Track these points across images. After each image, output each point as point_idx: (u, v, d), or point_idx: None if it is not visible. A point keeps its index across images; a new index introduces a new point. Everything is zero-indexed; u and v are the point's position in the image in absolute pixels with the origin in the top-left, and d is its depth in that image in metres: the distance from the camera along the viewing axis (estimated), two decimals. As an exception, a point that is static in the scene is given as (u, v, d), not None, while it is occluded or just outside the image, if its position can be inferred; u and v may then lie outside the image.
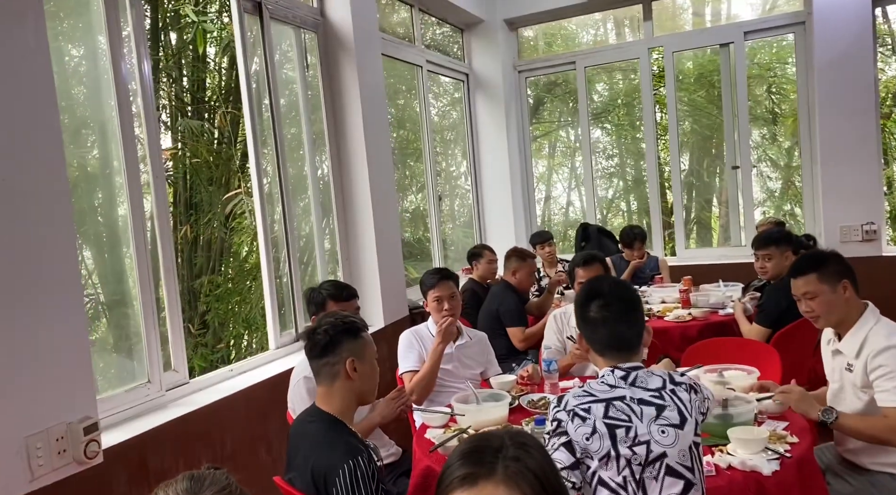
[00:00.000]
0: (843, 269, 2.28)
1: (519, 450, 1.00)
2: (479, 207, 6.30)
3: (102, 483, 2.11)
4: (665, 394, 1.70)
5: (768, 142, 7.36)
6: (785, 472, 1.89)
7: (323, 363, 1.90)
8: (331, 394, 1.90)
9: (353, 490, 1.70)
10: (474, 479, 0.96)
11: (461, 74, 5.97)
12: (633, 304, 1.81)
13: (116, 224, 2.77)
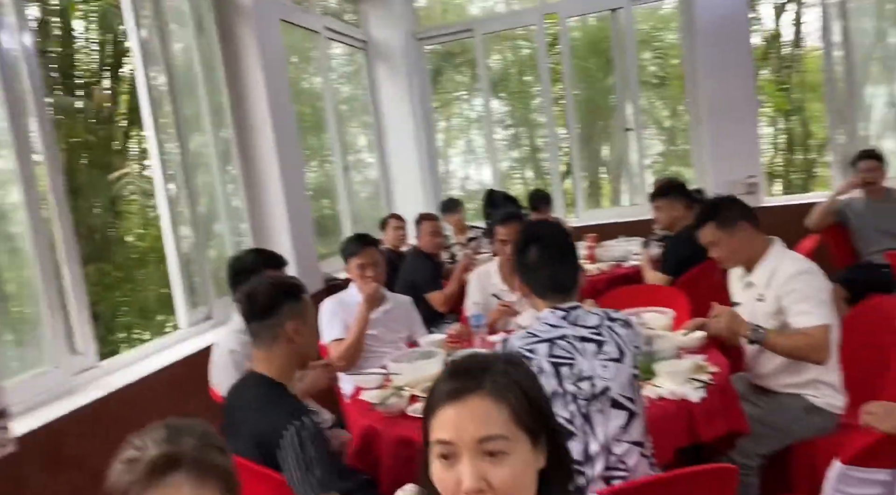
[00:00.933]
0: (738, 212, 2.43)
1: (507, 366, 1.01)
2: (386, 179, 6.24)
3: (18, 472, 1.95)
4: (603, 331, 1.77)
5: (655, 105, 7.76)
6: (711, 399, 2.02)
7: (263, 326, 1.83)
8: (270, 358, 1.84)
9: (300, 450, 1.66)
10: (462, 393, 0.97)
11: (360, 42, 5.85)
12: (570, 248, 1.87)
13: (6, 210, 2.53)
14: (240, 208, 4.00)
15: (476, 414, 0.95)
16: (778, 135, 9.56)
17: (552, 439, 1.01)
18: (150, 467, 0.96)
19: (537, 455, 0.99)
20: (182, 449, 0.99)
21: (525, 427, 0.97)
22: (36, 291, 2.43)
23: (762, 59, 9.15)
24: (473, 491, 0.93)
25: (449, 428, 0.96)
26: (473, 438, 0.94)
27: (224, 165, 3.88)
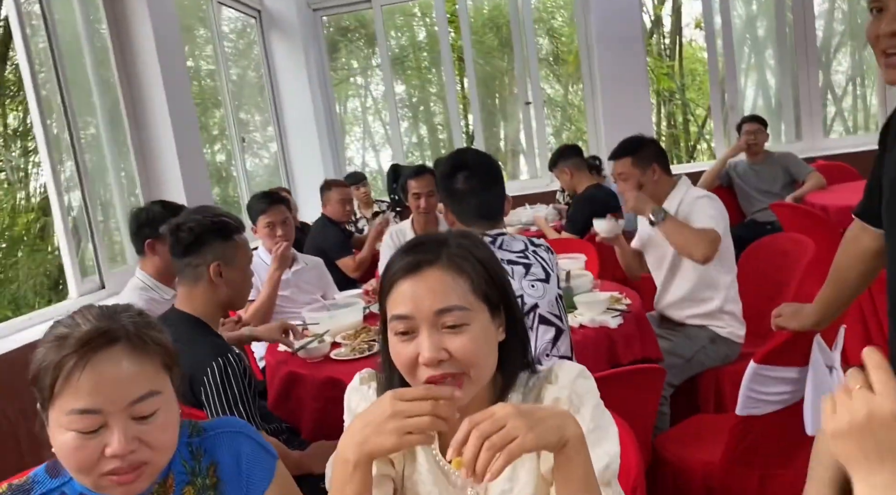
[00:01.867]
0: (654, 154, 2.57)
1: (463, 240, 0.98)
2: (284, 154, 6.05)
3: None
4: (529, 254, 1.80)
5: (549, 80, 8.00)
6: (627, 326, 2.10)
7: (185, 263, 1.71)
8: (192, 296, 1.73)
9: (223, 386, 1.58)
10: (419, 267, 0.94)
11: (252, 10, 5.62)
12: (497, 174, 1.88)
13: None
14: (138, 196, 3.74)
15: (433, 287, 0.92)
16: (662, 115, 10.12)
17: (510, 311, 0.99)
18: (85, 341, 0.89)
19: (496, 326, 0.97)
20: (119, 324, 0.93)
21: (484, 297, 0.95)
22: None
23: (648, 43, 9.64)
24: (433, 361, 0.90)
25: (406, 302, 0.93)
26: (431, 310, 0.91)
27: (114, 146, 3.61)
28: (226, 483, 1.02)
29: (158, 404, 0.93)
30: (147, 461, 0.93)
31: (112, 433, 0.90)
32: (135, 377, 0.92)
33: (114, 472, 0.91)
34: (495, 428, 0.80)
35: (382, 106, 6.64)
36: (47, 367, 0.90)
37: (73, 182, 3.28)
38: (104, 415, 0.90)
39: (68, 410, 0.89)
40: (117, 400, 0.90)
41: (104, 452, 0.89)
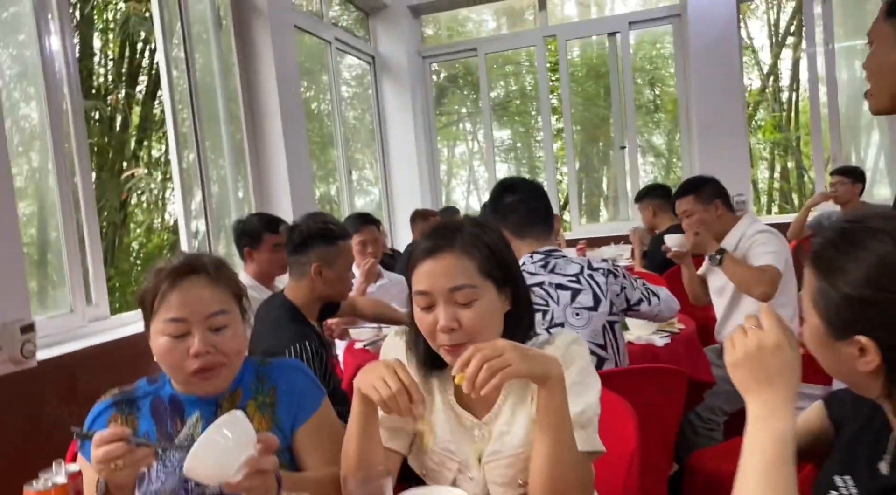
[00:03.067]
0: (715, 191, 2.69)
1: (475, 229, 1.20)
2: (387, 191, 6.47)
3: (36, 386, 2.12)
4: (582, 279, 1.90)
5: (650, 127, 8.06)
6: (675, 346, 2.20)
7: (294, 260, 2.04)
8: (297, 288, 2.05)
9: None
10: (436, 250, 1.15)
11: (367, 56, 6.14)
12: (539, 192, 2.06)
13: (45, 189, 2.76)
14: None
15: (447, 268, 1.14)
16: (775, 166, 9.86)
17: (515, 286, 1.20)
18: (175, 270, 1.20)
19: (503, 299, 1.18)
20: (200, 261, 1.23)
21: (491, 276, 1.16)
22: (60, 242, 2.64)
23: (759, 95, 9.49)
24: (447, 329, 1.12)
25: (426, 280, 1.15)
26: (445, 288, 1.13)
27: (237, 177, 4.08)
28: (280, 403, 1.28)
29: (228, 320, 1.23)
30: (221, 363, 1.22)
31: (194, 338, 1.19)
32: (211, 297, 1.22)
33: (197, 372, 1.19)
34: (495, 355, 1.01)
35: (486, 150, 7.01)
36: (149, 290, 1.22)
37: (199, 209, 3.74)
38: (188, 324, 1.20)
39: (163, 319, 1.20)
40: (197, 312, 1.20)
41: (189, 353, 1.18)
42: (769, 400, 0.87)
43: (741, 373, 0.90)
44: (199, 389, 1.25)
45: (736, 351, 0.91)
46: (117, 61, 7.38)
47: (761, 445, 0.86)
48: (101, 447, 1.02)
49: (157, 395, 1.29)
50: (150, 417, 1.26)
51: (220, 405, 1.26)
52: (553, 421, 1.05)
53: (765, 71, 9.79)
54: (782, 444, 0.85)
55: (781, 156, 10.06)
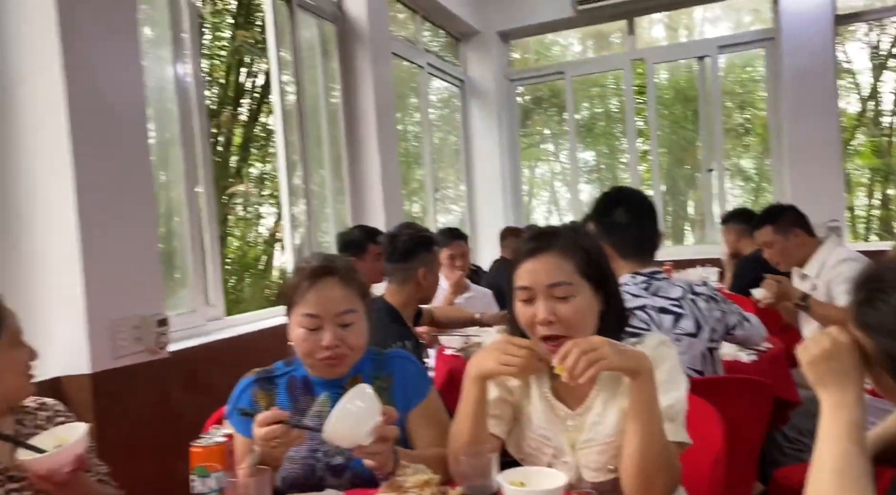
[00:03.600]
0: (794, 219, 2.71)
1: (573, 234, 1.33)
2: (471, 210, 6.65)
3: (167, 375, 2.38)
4: (685, 303, 1.89)
5: (739, 151, 7.93)
6: (761, 363, 2.24)
7: (398, 267, 2.23)
8: (399, 292, 2.24)
9: None
10: (537, 251, 1.30)
11: (457, 80, 6.38)
12: (652, 209, 2.03)
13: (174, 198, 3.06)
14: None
15: (547, 267, 1.28)
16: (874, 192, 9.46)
17: (608, 287, 1.32)
18: (313, 271, 1.41)
19: (597, 299, 1.30)
20: (335, 265, 1.43)
21: (587, 277, 1.29)
22: (187, 255, 2.93)
23: (857, 119, 9.15)
24: (545, 321, 1.26)
25: (527, 277, 1.29)
26: (544, 284, 1.27)
27: (335, 192, 4.35)
28: (396, 389, 1.46)
29: (355, 318, 1.42)
30: (346, 355, 1.41)
31: (325, 332, 1.39)
32: (341, 297, 1.41)
33: (325, 359, 1.39)
34: (592, 348, 1.15)
35: (570, 171, 7.11)
36: (291, 286, 1.44)
37: (300, 221, 4.01)
38: (321, 320, 1.39)
39: (300, 313, 1.40)
40: (329, 310, 1.40)
41: (320, 344, 1.38)
42: (842, 393, 0.97)
43: (817, 370, 1.00)
44: (326, 374, 1.45)
45: (811, 350, 1.01)
46: (223, 85, 7.93)
47: (836, 433, 0.95)
48: (263, 427, 1.21)
49: (292, 375, 1.49)
50: (286, 393, 1.46)
51: (344, 387, 1.44)
52: (643, 412, 1.16)
53: (864, 94, 9.44)
54: (856, 432, 0.94)
55: (881, 182, 9.63)
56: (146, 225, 2.34)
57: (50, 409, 1.43)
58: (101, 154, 2.19)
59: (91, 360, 2.09)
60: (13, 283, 2.08)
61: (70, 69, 2.08)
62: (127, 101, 2.30)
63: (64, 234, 2.09)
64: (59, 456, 1.21)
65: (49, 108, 2.08)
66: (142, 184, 2.35)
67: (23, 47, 2.10)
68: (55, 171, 2.09)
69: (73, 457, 1.21)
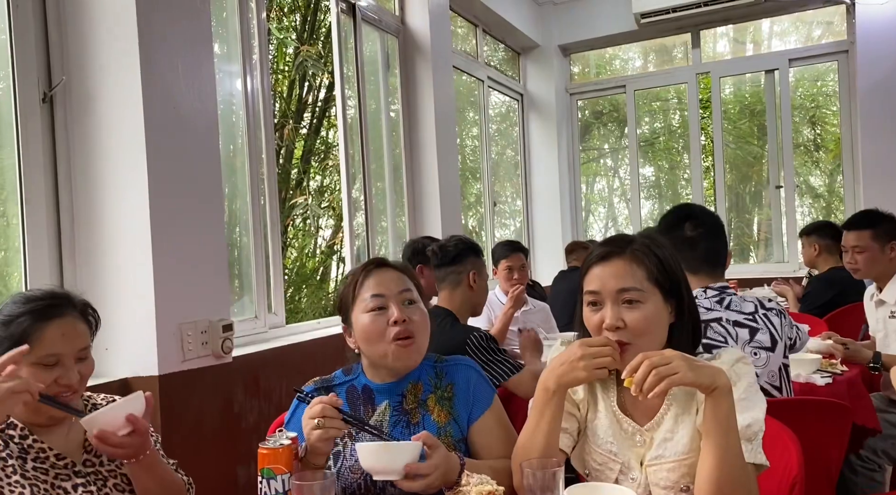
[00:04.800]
0: (894, 230, 2.56)
1: (647, 241, 1.30)
2: (528, 223, 6.61)
3: (230, 379, 2.43)
4: (758, 318, 1.88)
5: (809, 168, 7.64)
6: (836, 386, 2.14)
7: (450, 271, 2.28)
8: (452, 297, 2.28)
9: (485, 348, 2.10)
10: (609, 256, 1.27)
11: (517, 94, 6.37)
12: (721, 225, 2.01)
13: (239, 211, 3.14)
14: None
15: (617, 272, 1.25)
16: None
17: (680, 299, 1.27)
18: (365, 266, 1.48)
19: (668, 310, 1.26)
20: (384, 259, 1.50)
21: (658, 284, 1.25)
22: (252, 267, 3.00)
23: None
24: (612, 327, 1.22)
25: (596, 281, 1.26)
26: (613, 289, 1.24)
27: (395, 203, 4.40)
28: (457, 398, 1.43)
29: (414, 297, 1.47)
30: (414, 335, 1.42)
31: (392, 308, 1.41)
32: (399, 279, 1.46)
33: (398, 336, 1.40)
34: (663, 362, 1.10)
35: (630, 186, 7.01)
36: (348, 285, 1.48)
37: (360, 232, 4.07)
38: (386, 299, 1.42)
39: (364, 298, 1.43)
40: (392, 289, 1.44)
41: (389, 323, 1.40)
42: None
43: None
44: (399, 361, 1.43)
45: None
46: (285, 99, 8.15)
47: None
48: (317, 405, 1.24)
49: (352, 384, 1.49)
50: (346, 403, 1.46)
51: (404, 395, 1.44)
52: (719, 431, 1.10)
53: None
54: None
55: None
56: (215, 232, 2.41)
57: None
58: (174, 163, 2.26)
59: (159, 362, 2.15)
60: (89, 286, 2.16)
61: (147, 81, 2.17)
62: (200, 113, 2.38)
63: (137, 239, 2.16)
64: (111, 414, 1.24)
65: (128, 118, 2.17)
66: (212, 194, 2.42)
67: (103, 59, 2.20)
68: (131, 180, 2.17)
69: (124, 416, 1.24)
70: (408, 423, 1.43)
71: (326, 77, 6.83)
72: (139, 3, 2.16)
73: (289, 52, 7.64)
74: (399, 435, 1.41)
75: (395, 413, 1.44)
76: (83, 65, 2.21)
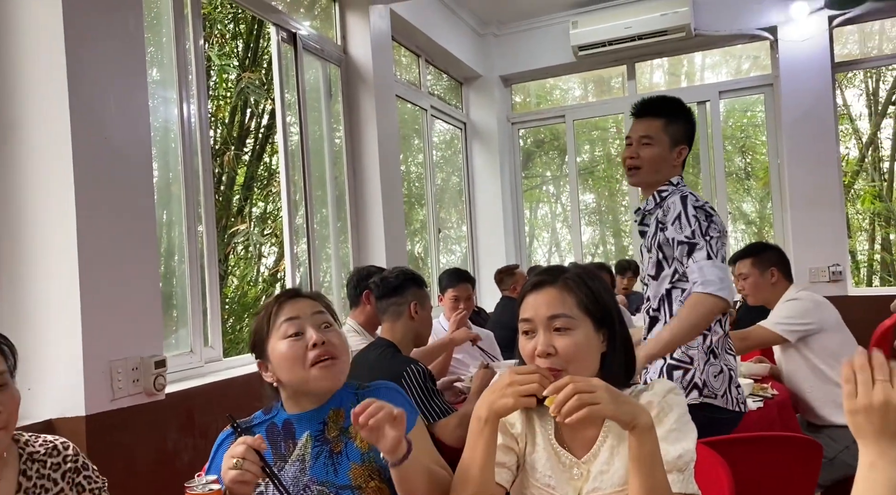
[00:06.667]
0: (774, 258, 2.76)
1: (580, 271, 1.33)
2: (473, 250, 6.65)
3: (163, 416, 2.34)
4: None
5: (741, 195, 7.96)
6: (767, 410, 2.20)
7: (391, 302, 2.26)
8: (394, 329, 2.25)
9: (420, 384, 2.06)
10: (541, 285, 1.30)
11: (460, 122, 6.45)
12: None
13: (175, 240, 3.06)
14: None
15: (548, 300, 1.28)
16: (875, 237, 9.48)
17: (612, 329, 1.30)
18: (279, 296, 1.47)
19: (600, 339, 1.28)
20: (302, 291, 1.49)
21: (588, 312, 1.28)
22: (188, 298, 2.91)
23: (858, 164, 9.22)
24: (543, 353, 1.24)
25: (530, 309, 1.29)
26: (545, 316, 1.26)
27: (338, 231, 4.36)
28: None
29: (330, 321, 1.45)
30: (335, 356, 1.40)
31: (309, 330, 1.40)
32: (312, 305, 1.45)
33: (317, 358, 1.38)
34: (587, 389, 1.11)
35: (571, 212, 7.16)
36: (261, 317, 1.46)
37: (300, 262, 4.01)
38: (301, 321, 1.41)
39: (279, 324, 1.41)
40: (306, 313, 1.43)
41: (308, 347, 1.38)
42: (886, 450, 0.90)
43: (860, 420, 0.92)
44: (321, 384, 1.41)
45: (859, 399, 0.92)
46: (227, 125, 8.03)
47: (874, 491, 0.90)
48: (240, 446, 1.22)
49: (272, 422, 1.47)
50: (266, 441, 1.42)
51: (326, 422, 1.42)
52: (643, 468, 1.12)
53: (863, 140, 9.53)
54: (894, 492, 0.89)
55: (883, 227, 9.65)
56: (147, 264, 2.34)
57: (59, 456, 1.38)
58: (104, 194, 2.20)
59: (86, 402, 2.06)
60: (10, 323, 2.06)
61: (76, 109, 2.11)
62: (133, 142, 2.32)
63: (64, 274, 2.08)
64: None
65: (54, 148, 2.10)
66: (144, 224, 2.35)
67: (29, 88, 2.12)
68: (57, 212, 2.09)
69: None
70: (330, 453, 1.41)
71: (269, 104, 6.78)
72: (67, 28, 2.10)
73: (231, 79, 7.57)
74: (321, 467, 1.39)
75: (316, 443, 1.42)
76: (6, 92, 2.13)
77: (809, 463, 1.76)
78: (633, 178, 2.18)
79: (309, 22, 4.16)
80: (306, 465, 1.39)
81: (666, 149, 2.14)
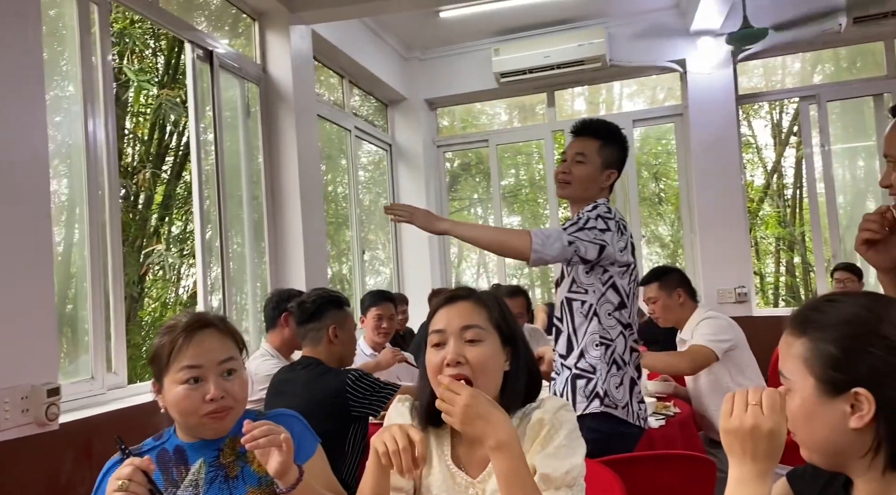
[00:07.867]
0: (678, 280, 2.90)
1: (490, 292, 1.37)
2: (399, 272, 6.64)
3: (56, 448, 2.22)
4: None
5: (655, 219, 8.29)
6: (669, 428, 2.28)
7: (310, 327, 2.22)
8: (316, 354, 2.22)
9: (365, 385, 2.09)
10: (454, 299, 1.34)
11: (385, 144, 6.47)
12: None
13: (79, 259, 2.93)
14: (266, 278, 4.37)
15: (461, 312, 1.31)
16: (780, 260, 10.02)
17: (516, 350, 1.33)
18: (188, 324, 1.35)
19: (504, 357, 1.32)
20: (209, 317, 1.39)
21: (497, 327, 1.32)
22: (87, 311, 2.78)
23: (763, 190, 9.76)
24: (453, 361, 1.26)
25: (442, 321, 1.31)
26: (458, 326, 1.29)
27: (254, 253, 4.28)
28: None
29: (237, 366, 1.38)
30: (231, 407, 1.36)
31: (209, 383, 1.33)
32: (221, 346, 1.37)
33: (210, 413, 1.33)
34: (450, 399, 1.17)
35: (494, 225, 7.31)
36: (164, 345, 1.36)
37: (217, 284, 3.92)
38: (203, 370, 1.33)
39: (179, 368, 1.33)
40: (211, 359, 1.34)
41: (204, 399, 1.32)
42: (752, 468, 0.96)
43: (731, 440, 0.98)
44: (209, 431, 1.37)
45: (732, 421, 0.98)
46: (146, 142, 7.78)
47: None
48: (128, 467, 1.17)
49: (163, 448, 1.42)
50: (157, 467, 1.37)
51: (221, 449, 1.38)
52: (502, 487, 1.15)
53: (768, 168, 10.11)
54: None
55: (787, 251, 10.23)
56: (41, 287, 2.23)
57: None
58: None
59: (-32, 434, 1.93)
60: None
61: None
62: (27, 159, 2.22)
63: (-53, 297, 1.96)
64: None
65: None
66: (39, 244, 2.24)
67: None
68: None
69: None
70: (225, 478, 1.38)
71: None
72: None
73: (152, 95, 7.35)
74: (216, 492, 1.37)
75: (211, 468, 1.39)
76: None
77: (705, 480, 1.83)
78: (562, 192, 2.26)
79: (228, 40, 4.11)
80: (200, 491, 1.35)
81: (597, 169, 2.22)
